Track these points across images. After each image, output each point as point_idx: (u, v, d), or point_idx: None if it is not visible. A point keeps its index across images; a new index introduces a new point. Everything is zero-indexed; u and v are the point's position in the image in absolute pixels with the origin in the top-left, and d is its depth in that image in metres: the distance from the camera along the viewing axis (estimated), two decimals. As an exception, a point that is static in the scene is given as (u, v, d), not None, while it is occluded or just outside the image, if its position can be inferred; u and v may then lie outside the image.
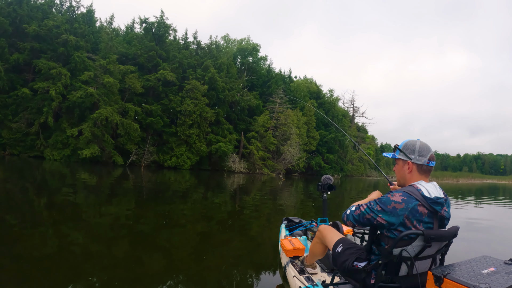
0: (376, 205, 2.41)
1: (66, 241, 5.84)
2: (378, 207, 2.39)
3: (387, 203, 2.35)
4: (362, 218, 2.51)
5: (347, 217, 2.67)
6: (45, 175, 19.34)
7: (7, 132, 34.58)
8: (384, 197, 2.42)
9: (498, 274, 2.11)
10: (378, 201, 2.42)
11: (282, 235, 5.15)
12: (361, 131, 74.32)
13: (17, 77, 36.50)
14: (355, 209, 2.60)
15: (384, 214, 2.36)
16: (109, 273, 4.47)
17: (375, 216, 2.40)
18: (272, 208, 12.24)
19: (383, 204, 2.37)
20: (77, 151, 33.85)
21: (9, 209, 8.04)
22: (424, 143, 2.54)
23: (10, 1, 37.75)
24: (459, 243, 7.29)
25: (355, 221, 2.58)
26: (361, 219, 2.52)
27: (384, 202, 2.37)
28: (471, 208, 16.58)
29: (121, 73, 37.63)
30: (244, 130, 49.02)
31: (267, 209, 11.95)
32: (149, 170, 32.68)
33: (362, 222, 2.53)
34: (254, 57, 57.85)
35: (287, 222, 5.69)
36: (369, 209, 2.45)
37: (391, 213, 2.32)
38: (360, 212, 2.53)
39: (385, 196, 2.42)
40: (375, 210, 2.41)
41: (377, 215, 2.39)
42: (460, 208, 15.71)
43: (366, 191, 25.09)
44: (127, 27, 52.16)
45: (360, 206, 2.56)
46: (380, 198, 2.43)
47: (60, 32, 37.03)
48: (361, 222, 2.54)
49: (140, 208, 9.92)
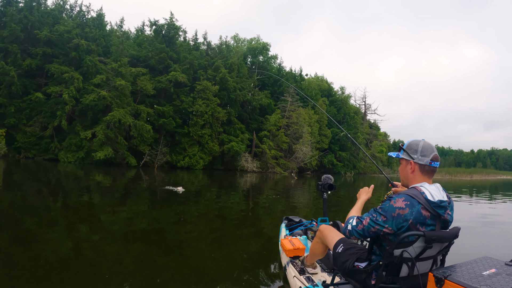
0: (379, 216, 2.35)
1: (81, 241, 5.85)
2: (382, 217, 2.33)
3: (391, 210, 2.30)
4: (368, 232, 2.44)
5: (349, 233, 2.59)
6: (60, 177, 19.45)
7: (22, 136, 35.12)
8: (386, 205, 2.35)
9: (499, 275, 2.09)
10: (380, 211, 2.35)
11: (282, 235, 5.12)
12: (373, 128, 73.86)
13: (30, 82, 36.98)
14: (357, 224, 2.52)
15: (390, 224, 2.30)
16: (123, 272, 4.49)
17: (381, 228, 2.34)
18: (285, 207, 12.09)
19: (387, 212, 2.31)
20: (91, 153, 34.23)
21: (25, 211, 8.05)
22: (428, 143, 2.49)
23: (21, 8, 38.35)
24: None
25: (360, 236, 2.52)
26: (366, 233, 2.46)
27: (388, 210, 2.32)
28: (488, 207, 16.29)
29: (133, 75, 37.89)
30: (256, 129, 49.07)
31: (280, 208, 11.82)
32: (162, 171, 32.79)
33: (368, 235, 2.48)
34: (264, 56, 57.84)
35: (287, 221, 5.63)
36: (374, 222, 2.39)
37: (397, 221, 2.28)
38: (363, 227, 2.46)
39: (386, 204, 2.35)
40: (380, 222, 2.34)
41: (383, 227, 2.33)
42: (477, 205, 15.40)
43: (379, 188, 24.86)
44: (137, 30, 52.50)
45: (362, 220, 2.49)
46: (382, 207, 2.37)
47: (72, 36, 37.46)
48: (366, 235, 2.48)
49: (154, 208, 9.90)
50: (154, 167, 37.65)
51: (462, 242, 5.48)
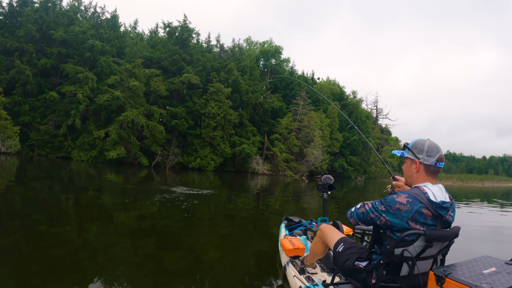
0: (380, 204, 2.39)
1: (92, 238, 5.90)
2: (382, 207, 2.38)
3: (392, 203, 2.33)
4: (366, 217, 2.50)
5: (351, 214, 2.67)
6: (72, 175, 19.57)
7: (36, 133, 35.61)
8: (390, 197, 2.39)
9: (499, 274, 2.12)
10: (383, 201, 2.40)
11: (282, 235, 5.14)
12: (384, 133, 73.48)
13: (45, 81, 37.43)
14: (360, 207, 2.58)
15: (387, 215, 2.34)
16: (132, 270, 4.51)
17: (379, 216, 2.39)
18: (294, 209, 12.04)
19: (388, 204, 2.35)
20: (104, 152, 34.47)
21: (37, 207, 8.11)
22: (434, 143, 2.49)
23: (36, 8, 38.89)
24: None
25: (359, 219, 2.58)
26: (365, 218, 2.51)
27: (389, 202, 2.35)
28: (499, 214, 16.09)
29: (146, 76, 38.10)
30: (268, 132, 48.99)
31: (289, 210, 11.77)
32: (174, 171, 32.88)
33: (365, 220, 2.53)
34: (276, 59, 57.92)
35: (287, 221, 5.66)
36: (374, 208, 2.44)
37: (395, 214, 2.31)
38: (364, 210, 2.52)
39: (390, 196, 2.39)
40: (379, 210, 2.39)
41: (381, 215, 2.38)
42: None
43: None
44: (150, 32, 52.94)
45: (365, 204, 2.55)
46: (385, 198, 2.41)
47: (86, 37, 37.91)
48: (364, 220, 2.53)
49: (164, 208, 9.91)
50: (165, 168, 37.78)
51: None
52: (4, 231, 5.90)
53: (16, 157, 29.19)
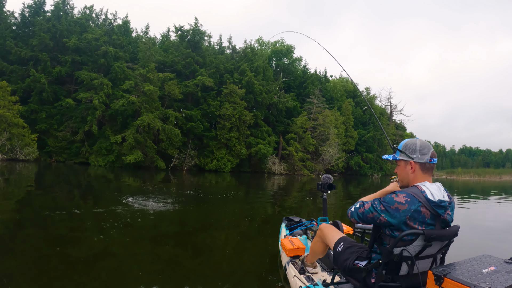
0: (379, 204, 2.39)
1: (110, 242, 5.87)
2: (381, 206, 2.37)
3: (391, 203, 2.33)
4: (366, 216, 2.50)
5: (351, 213, 2.66)
6: (91, 180, 19.61)
7: (53, 140, 36.16)
8: (388, 196, 2.38)
9: (498, 273, 2.12)
10: (382, 201, 2.39)
11: (282, 235, 5.14)
12: (399, 129, 72.94)
13: (60, 88, 37.95)
14: (359, 206, 2.58)
15: (386, 214, 2.34)
16: (152, 273, 4.47)
17: (378, 215, 2.38)
18: (312, 209, 11.88)
19: (387, 204, 2.35)
20: (121, 157, 34.65)
21: (56, 212, 8.01)
22: (424, 141, 2.53)
23: (48, 17, 39.49)
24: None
25: (359, 218, 2.58)
26: (365, 217, 2.51)
27: (388, 202, 2.35)
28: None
29: (160, 80, 38.30)
30: (283, 131, 48.96)
31: (307, 210, 11.62)
32: (191, 174, 32.95)
33: (365, 220, 2.53)
34: (289, 58, 57.92)
35: (287, 221, 5.64)
36: (373, 207, 2.44)
37: (393, 214, 2.30)
38: (364, 210, 2.52)
39: (389, 196, 2.39)
40: (378, 209, 2.39)
41: (380, 214, 2.37)
42: None
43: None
44: (162, 36, 53.31)
45: (364, 204, 2.55)
46: (384, 198, 2.40)
47: (100, 44, 38.39)
48: (364, 220, 2.54)
49: (182, 210, 9.87)
50: (182, 170, 37.79)
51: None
52: (25, 236, 5.94)
53: (35, 164, 29.47)
